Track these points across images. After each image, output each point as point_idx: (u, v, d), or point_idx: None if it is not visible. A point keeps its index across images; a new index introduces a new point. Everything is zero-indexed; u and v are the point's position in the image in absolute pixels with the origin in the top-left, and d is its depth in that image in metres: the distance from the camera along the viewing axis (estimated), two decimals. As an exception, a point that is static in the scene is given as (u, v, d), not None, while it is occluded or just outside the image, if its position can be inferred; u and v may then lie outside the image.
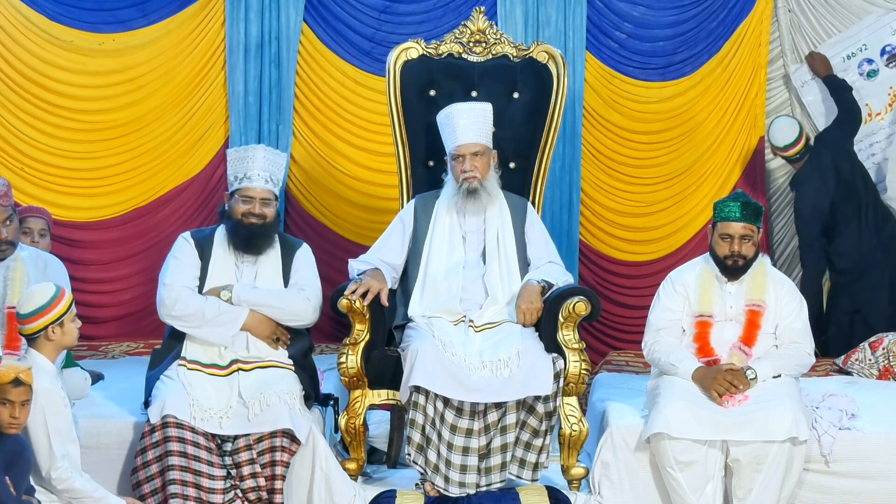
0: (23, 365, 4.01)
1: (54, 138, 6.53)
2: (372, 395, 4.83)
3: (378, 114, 6.43)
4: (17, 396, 3.91)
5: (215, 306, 4.71)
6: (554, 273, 4.98)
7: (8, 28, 6.46)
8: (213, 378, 4.64)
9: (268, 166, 4.81)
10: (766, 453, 4.53)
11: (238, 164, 4.82)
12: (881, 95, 6.76)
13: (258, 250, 4.82)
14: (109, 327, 6.57)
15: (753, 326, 4.79)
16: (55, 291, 4.20)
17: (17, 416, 3.91)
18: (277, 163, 4.87)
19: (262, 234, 4.81)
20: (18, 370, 3.92)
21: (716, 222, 4.86)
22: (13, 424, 3.91)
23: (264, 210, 4.79)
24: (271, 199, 4.82)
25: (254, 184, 4.78)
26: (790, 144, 6.60)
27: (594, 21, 6.74)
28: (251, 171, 4.78)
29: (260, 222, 4.79)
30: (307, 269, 4.90)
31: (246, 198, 4.79)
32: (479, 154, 4.98)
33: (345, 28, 6.66)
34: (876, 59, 6.74)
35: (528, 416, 4.65)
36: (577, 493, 4.75)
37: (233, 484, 4.46)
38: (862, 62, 6.75)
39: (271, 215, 4.82)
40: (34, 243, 5.24)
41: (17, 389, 3.90)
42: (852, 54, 6.75)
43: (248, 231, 4.79)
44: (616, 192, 6.87)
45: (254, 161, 4.79)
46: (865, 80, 6.77)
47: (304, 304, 4.80)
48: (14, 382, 3.89)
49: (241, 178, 4.79)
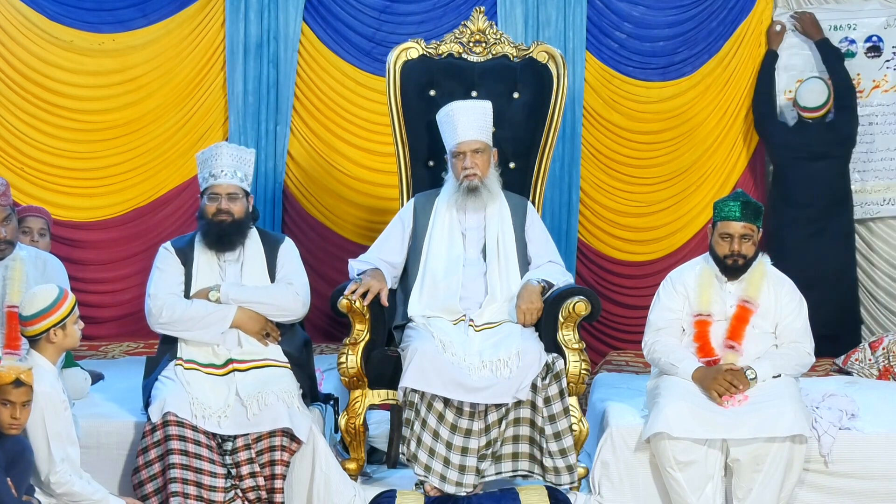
0: (24, 366, 4.00)
1: (54, 138, 6.53)
2: (372, 395, 4.84)
3: (378, 114, 6.43)
4: (18, 397, 3.91)
5: (202, 307, 4.72)
6: (554, 273, 4.98)
7: (8, 28, 6.45)
8: (211, 377, 4.64)
9: (233, 162, 4.81)
10: (765, 453, 4.54)
11: (204, 165, 4.84)
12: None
13: (231, 246, 4.82)
14: (109, 327, 6.57)
15: (740, 322, 4.79)
16: (58, 294, 4.19)
17: (18, 416, 3.91)
18: (244, 158, 4.86)
19: (233, 231, 4.80)
20: (20, 371, 3.92)
21: (716, 222, 4.86)
22: (14, 425, 3.91)
23: (230, 206, 4.78)
24: (238, 193, 4.81)
25: (219, 180, 4.79)
26: (820, 106, 6.58)
27: (594, 21, 6.74)
28: (215, 169, 4.79)
29: (229, 219, 4.78)
30: (293, 263, 4.91)
31: (213, 195, 4.80)
32: (479, 151, 4.98)
33: (345, 28, 6.66)
34: (858, 42, 6.77)
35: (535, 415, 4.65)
36: (577, 493, 4.75)
37: (233, 483, 4.47)
38: (844, 39, 6.77)
39: (240, 211, 4.81)
40: (34, 243, 5.24)
41: (18, 390, 3.90)
42: (839, 27, 6.77)
43: (218, 228, 4.79)
44: (616, 191, 6.86)
45: (218, 158, 4.80)
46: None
47: (294, 299, 4.80)
48: (15, 383, 3.89)
49: (208, 177, 4.82)
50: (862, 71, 6.77)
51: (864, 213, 6.78)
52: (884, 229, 6.86)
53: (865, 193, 6.78)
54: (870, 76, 6.76)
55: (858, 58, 6.77)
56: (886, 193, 6.77)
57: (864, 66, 6.77)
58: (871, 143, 6.77)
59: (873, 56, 6.76)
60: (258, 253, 4.88)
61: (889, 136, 6.77)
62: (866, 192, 6.78)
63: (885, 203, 6.78)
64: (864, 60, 6.77)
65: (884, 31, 6.77)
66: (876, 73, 6.76)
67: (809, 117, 6.59)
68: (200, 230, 4.85)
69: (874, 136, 6.78)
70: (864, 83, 6.77)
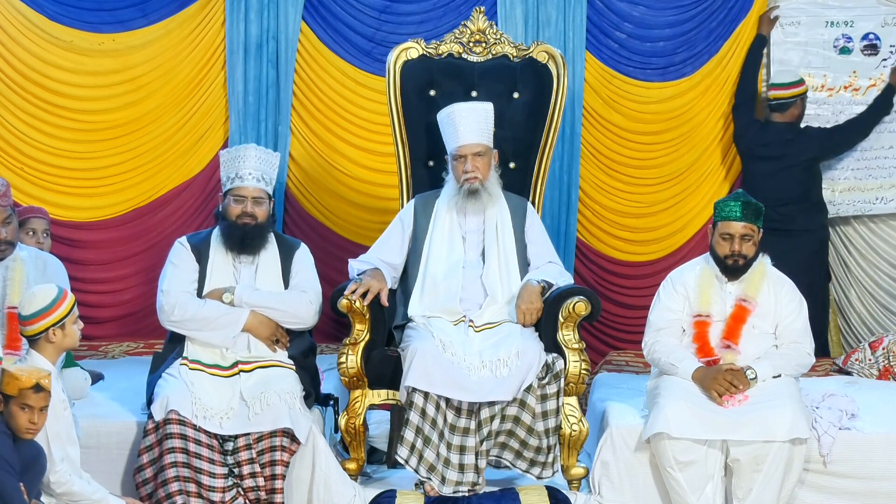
0: (44, 370, 3.98)
1: (54, 138, 6.52)
2: (372, 395, 4.84)
3: (378, 114, 6.43)
4: (37, 402, 3.90)
5: (215, 308, 4.72)
6: (553, 273, 4.98)
7: (8, 28, 6.45)
8: (215, 378, 4.65)
9: (259, 165, 4.81)
10: (765, 453, 4.54)
11: (230, 165, 4.83)
12: (841, 75, 6.78)
13: (252, 250, 4.82)
14: (109, 327, 6.57)
15: (737, 321, 4.79)
16: (57, 293, 4.19)
17: (36, 421, 3.90)
18: (270, 162, 4.87)
19: (256, 234, 4.81)
20: (40, 375, 3.91)
21: (716, 222, 4.87)
22: (31, 430, 3.90)
23: (256, 209, 4.79)
24: (263, 198, 4.82)
25: (245, 183, 4.78)
26: (786, 85, 6.57)
27: (594, 21, 6.74)
28: (242, 171, 4.79)
29: (252, 222, 4.79)
30: (308, 271, 4.91)
31: (238, 197, 4.79)
32: (480, 154, 4.98)
33: (345, 28, 6.65)
34: (855, 39, 6.77)
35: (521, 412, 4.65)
36: (577, 493, 4.76)
37: (234, 483, 4.47)
38: (841, 35, 6.77)
39: (263, 215, 4.82)
40: (39, 244, 5.24)
41: (38, 395, 3.89)
42: (836, 23, 6.77)
43: (241, 231, 4.79)
44: (616, 192, 6.86)
45: (245, 161, 4.80)
46: (835, 52, 6.79)
47: (307, 307, 4.80)
48: (35, 388, 3.88)
49: (233, 178, 4.80)
50: (858, 68, 6.77)
51: (855, 210, 6.78)
52: (884, 229, 6.85)
53: (859, 191, 6.78)
54: (866, 74, 6.76)
55: (855, 54, 6.78)
56: (879, 192, 6.78)
57: (861, 63, 6.77)
58: (864, 141, 6.77)
59: (870, 54, 6.76)
60: (274, 257, 4.87)
61: (884, 134, 6.77)
62: (860, 190, 6.78)
63: (877, 201, 6.78)
64: (861, 58, 6.78)
65: (881, 30, 6.77)
66: (873, 72, 6.76)
67: (774, 95, 6.57)
68: (222, 231, 4.84)
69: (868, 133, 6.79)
70: (861, 80, 6.77)
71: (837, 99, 6.79)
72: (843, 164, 6.77)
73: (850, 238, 6.88)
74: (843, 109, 6.79)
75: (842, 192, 6.77)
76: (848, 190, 6.77)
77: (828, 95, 6.78)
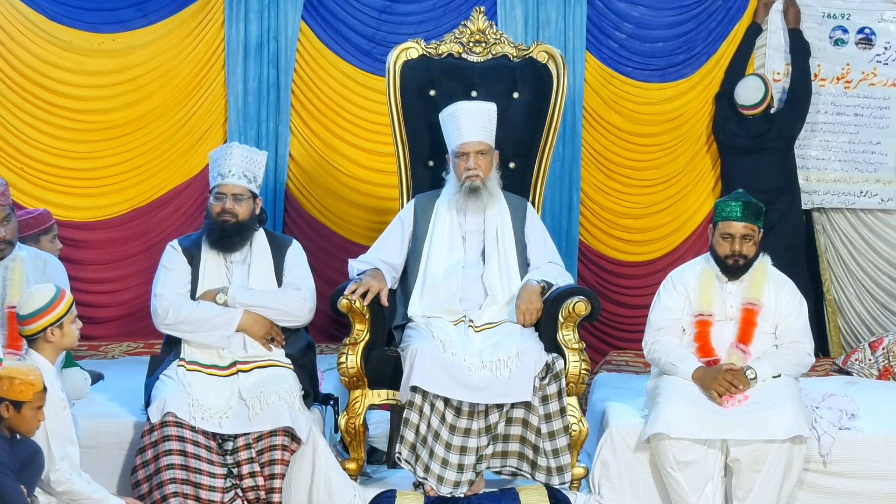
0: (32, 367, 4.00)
1: (54, 138, 6.52)
2: (372, 395, 4.84)
3: (378, 114, 6.43)
4: (44, 401, 3.94)
5: (208, 310, 4.72)
6: (553, 273, 4.98)
7: (8, 28, 6.45)
8: (213, 378, 4.64)
9: (242, 163, 4.80)
10: (765, 453, 4.54)
11: (215, 163, 4.83)
12: (834, 66, 6.80)
13: (231, 248, 4.80)
14: (109, 327, 6.57)
15: (749, 325, 4.79)
16: (55, 293, 4.20)
17: (41, 419, 3.94)
18: (255, 160, 4.85)
19: (235, 232, 4.79)
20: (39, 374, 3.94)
21: (717, 222, 4.87)
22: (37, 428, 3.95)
23: (235, 206, 4.77)
24: (244, 195, 4.79)
25: (226, 180, 4.78)
26: (756, 104, 6.59)
27: (594, 21, 6.74)
28: (224, 169, 4.79)
29: (232, 220, 4.77)
30: (300, 268, 4.90)
31: (219, 195, 4.79)
32: (483, 153, 4.98)
33: (345, 28, 6.65)
34: (851, 32, 6.79)
35: (528, 414, 4.65)
36: (577, 493, 4.75)
37: (234, 483, 4.46)
38: (837, 27, 6.78)
39: (245, 213, 4.79)
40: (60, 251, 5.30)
41: (44, 394, 3.94)
42: (833, 15, 6.78)
43: (220, 228, 4.78)
44: (615, 193, 6.86)
45: (228, 158, 4.79)
46: (830, 44, 6.81)
47: (301, 305, 4.80)
48: (45, 389, 3.92)
49: (217, 175, 4.81)
50: (852, 61, 6.79)
51: (839, 202, 6.81)
52: (885, 229, 6.86)
53: (844, 183, 6.78)
54: (859, 67, 6.78)
55: (849, 47, 6.79)
56: (864, 185, 6.79)
57: (855, 56, 6.79)
58: (854, 135, 6.79)
59: (864, 48, 6.77)
60: (265, 255, 4.87)
61: (872, 129, 6.79)
62: (845, 182, 6.79)
63: (861, 195, 6.79)
64: (855, 50, 6.79)
65: (877, 25, 6.79)
66: (866, 66, 6.78)
67: (749, 114, 6.61)
68: (204, 229, 4.85)
69: (858, 127, 6.80)
70: (854, 73, 6.79)
71: (828, 90, 6.79)
72: (831, 156, 6.79)
73: (849, 238, 6.88)
74: (834, 100, 6.80)
75: (827, 182, 6.79)
76: (834, 181, 6.79)
77: (819, 86, 6.78)
